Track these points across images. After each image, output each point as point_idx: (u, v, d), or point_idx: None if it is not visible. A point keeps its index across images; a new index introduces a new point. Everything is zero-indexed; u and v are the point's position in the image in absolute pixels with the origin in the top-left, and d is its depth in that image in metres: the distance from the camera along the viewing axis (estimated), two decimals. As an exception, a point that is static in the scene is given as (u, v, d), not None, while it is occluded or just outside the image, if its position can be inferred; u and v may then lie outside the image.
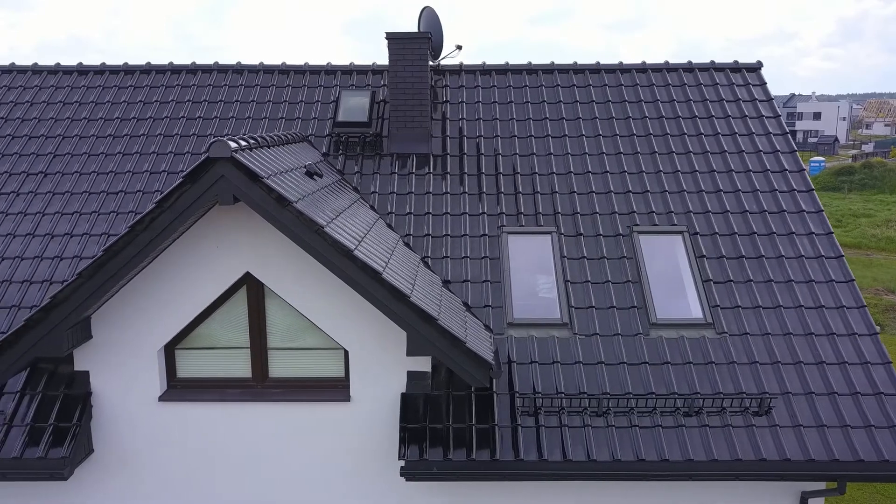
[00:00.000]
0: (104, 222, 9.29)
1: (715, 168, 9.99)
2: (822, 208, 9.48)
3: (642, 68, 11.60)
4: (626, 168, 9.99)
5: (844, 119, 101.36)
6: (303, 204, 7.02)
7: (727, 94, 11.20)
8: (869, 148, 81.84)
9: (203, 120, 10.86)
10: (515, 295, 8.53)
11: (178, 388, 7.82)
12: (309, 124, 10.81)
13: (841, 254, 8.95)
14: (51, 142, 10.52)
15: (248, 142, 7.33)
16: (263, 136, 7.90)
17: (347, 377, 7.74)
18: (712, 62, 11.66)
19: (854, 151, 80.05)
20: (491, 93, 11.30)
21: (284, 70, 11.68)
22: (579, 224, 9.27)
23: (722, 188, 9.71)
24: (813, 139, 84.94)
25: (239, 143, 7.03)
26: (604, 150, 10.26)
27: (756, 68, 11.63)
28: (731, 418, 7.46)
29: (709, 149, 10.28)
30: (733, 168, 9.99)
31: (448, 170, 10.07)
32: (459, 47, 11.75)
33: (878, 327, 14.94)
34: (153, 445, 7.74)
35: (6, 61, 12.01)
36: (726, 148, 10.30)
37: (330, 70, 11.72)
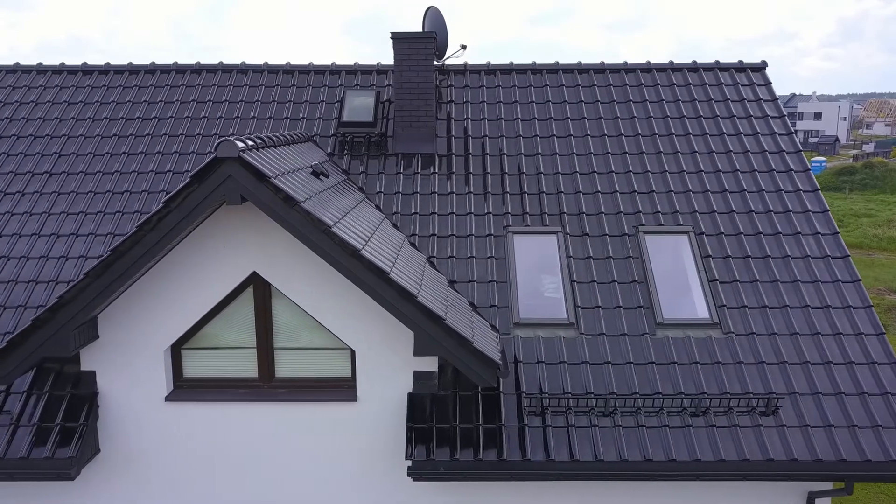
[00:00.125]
0: (109, 222, 9.28)
1: (720, 168, 9.98)
2: (828, 208, 9.47)
3: (647, 68, 11.59)
4: (632, 168, 9.99)
5: (845, 119, 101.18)
6: (310, 204, 7.01)
7: (732, 94, 11.18)
8: (870, 148, 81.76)
9: (207, 120, 10.85)
10: (521, 295, 8.52)
11: (185, 388, 7.82)
12: (314, 124, 10.80)
13: (847, 254, 8.94)
14: (56, 141, 10.51)
15: (255, 141, 7.32)
16: (270, 136, 7.89)
17: (354, 377, 7.73)
18: (717, 62, 11.64)
19: (855, 151, 79.99)
20: (496, 92, 11.29)
21: (289, 70, 11.67)
22: (585, 224, 9.26)
23: (727, 188, 9.70)
24: (814, 139, 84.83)
25: (246, 143, 7.03)
26: (609, 150, 10.25)
27: (761, 68, 11.61)
28: (739, 418, 7.45)
29: (714, 149, 10.27)
30: (738, 168, 9.98)
31: (453, 170, 10.06)
32: (464, 47, 11.75)
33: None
34: (159, 445, 7.74)
35: (6, 61, 12.02)
36: (731, 148, 10.29)
37: (334, 70, 11.71)
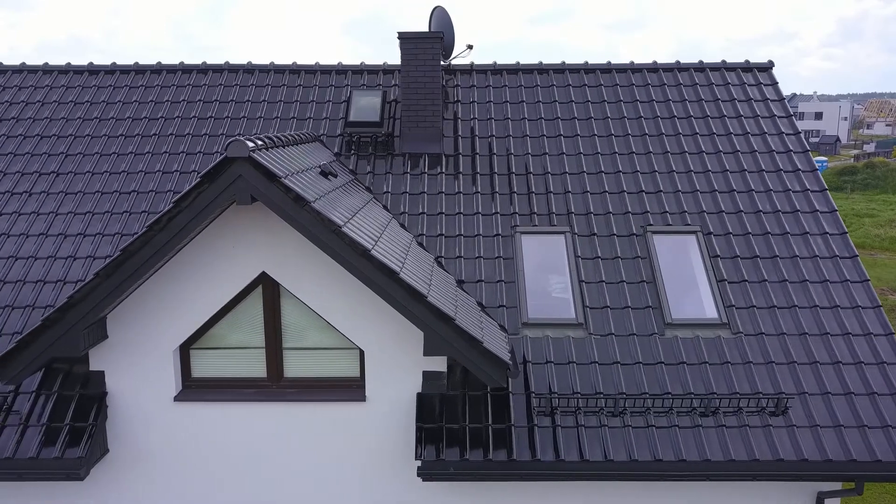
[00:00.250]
0: (117, 222, 9.27)
1: (728, 168, 9.97)
2: (836, 208, 9.46)
3: (653, 68, 11.58)
4: (639, 168, 9.98)
5: (846, 119, 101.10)
6: (320, 204, 7.01)
7: (738, 94, 11.18)
8: (870, 148, 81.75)
9: (214, 120, 10.84)
10: (530, 295, 8.52)
11: (193, 388, 7.81)
12: (320, 124, 10.79)
13: (855, 254, 8.93)
14: (62, 141, 10.50)
15: (265, 141, 7.32)
16: (278, 136, 7.88)
17: (363, 377, 7.73)
18: (723, 62, 11.64)
19: (856, 151, 79.98)
20: (502, 92, 11.28)
21: (295, 70, 11.66)
22: (593, 224, 9.25)
23: (735, 188, 9.69)
24: (814, 139, 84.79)
25: (256, 143, 7.02)
26: (616, 150, 10.24)
27: (767, 68, 11.61)
28: (748, 418, 7.44)
29: (721, 148, 10.26)
30: (746, 168, 9.98)
31: (460, 169, 10.05)
32: (470, 47, 11.73)
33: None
34: (168, 445, 7.74)
35: (6, 61, 11.98)
36: (738, 148, 10.28)
37: (340, 70, 11.71)
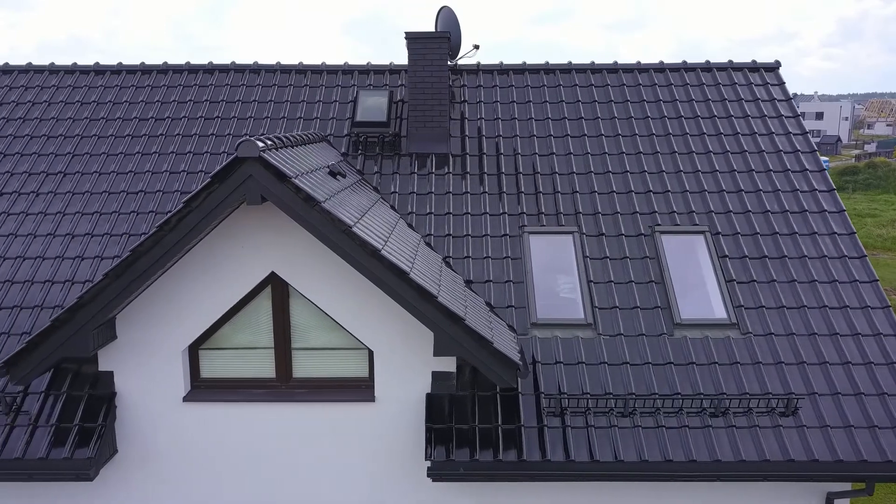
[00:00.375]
0: (125, 222, 9.26)
1: (735, 168, 9.96)
2: (844, 208, 9.45)
3: (660, 68, 11.57)
4: (647, 168, 9.97)
5: (847, 119, 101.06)
6: (330, 204, 7.00)
7: (745, 94, 11.16)
8: (871, 148, 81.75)
9: (221, 120, 10.84)
10: (538, 295, 8.50)
11: (202, 389, 7.80)
12: (327, 124, 10.79)
13: (864, 254, 8.92)
14: (69, 142, 10.49)
15: (273, 141, 7.31)
16: (286, 136, 7.88)
17: (372, 377, 7.72)
18: (730, 61, 11.63)
19: (857, 151, 79.99)
20: (509, 92, 11.27)
21: (301, 70, 11.65)
22: (601, 224, 9.23)
23: (743, 188, 9.68)
24: (815, 139, 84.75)
25: (266, 143, 7.01)
26: (623, 150, 10.23)
27: (774, 68, 11.60)
28: (758, 419, 7.43)
29: (728, 148, 10.25)
30: (753, 168, 9.96)
31: (468, 169, 10.04)
32: (477, 47, 11.73)
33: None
34: (177, 446, 7.73)
35: (6, 62, 11.95)
36: (746, 147, 10.27)
37: (347, 70, 11.70)
